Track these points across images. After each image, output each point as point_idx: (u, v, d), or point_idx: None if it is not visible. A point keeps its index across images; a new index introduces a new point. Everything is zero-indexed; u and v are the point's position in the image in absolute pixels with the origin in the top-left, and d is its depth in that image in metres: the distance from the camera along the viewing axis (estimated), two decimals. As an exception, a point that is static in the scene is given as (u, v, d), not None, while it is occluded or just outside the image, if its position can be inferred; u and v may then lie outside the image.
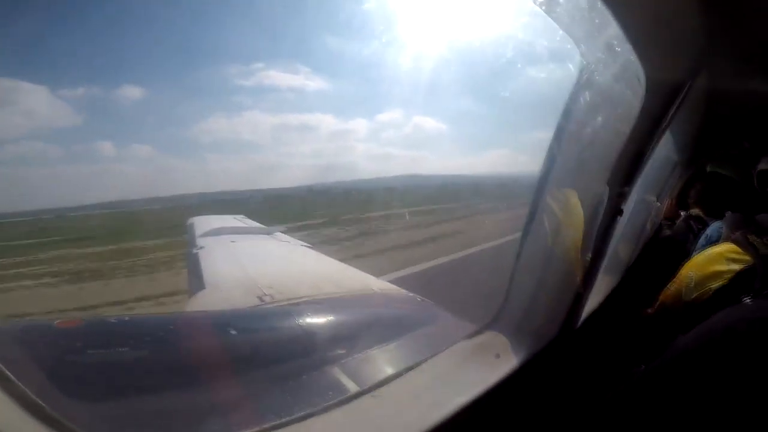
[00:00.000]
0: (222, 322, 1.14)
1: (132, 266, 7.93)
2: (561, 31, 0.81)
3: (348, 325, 1.32)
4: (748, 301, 0.89)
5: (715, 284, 1.10)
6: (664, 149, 2.19)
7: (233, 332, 1.06)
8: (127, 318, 1.23)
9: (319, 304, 1.51)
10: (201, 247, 2.43)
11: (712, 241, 1.99)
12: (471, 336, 1.13)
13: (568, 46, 0.84)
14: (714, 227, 2.00)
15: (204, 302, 1.62)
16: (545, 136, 1.07)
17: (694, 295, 1.15)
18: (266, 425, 0.69)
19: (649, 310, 1.40)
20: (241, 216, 4.15)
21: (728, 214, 2.03)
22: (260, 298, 1.54)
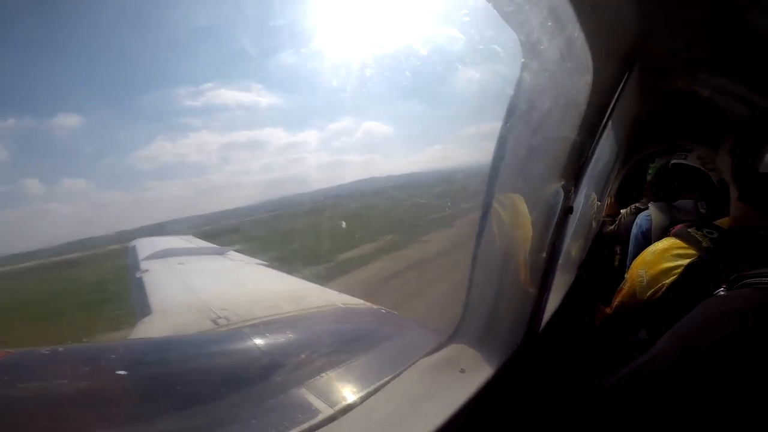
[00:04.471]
0: (171, 348, 1.04)
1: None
2: (502, 21, 0.81)
3: (310, 344, 1.26)
4: (722, 292, 0.89)
5: (667, 280, 1.14)
6: (606, 146, 2.29)
7: (184, 359, 0.96)
8: (61, 348, 1.09)
9: (278, 324, 1.43)
10: (145, 271, 2.25)
11: (644, 230, 2.14)
12: (433, 351, 1.07)
13: (510, 37, 0.83)
14: (642, 216, 2.18)
15: (151, 329, 1.48)
16: (490, 128, 1.05)
17: (648, 293, 1.18)
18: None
19: (608, 310, 1.42)
20: (189, 236, 3.92)
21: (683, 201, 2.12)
22: (214, 322, 1.44)
